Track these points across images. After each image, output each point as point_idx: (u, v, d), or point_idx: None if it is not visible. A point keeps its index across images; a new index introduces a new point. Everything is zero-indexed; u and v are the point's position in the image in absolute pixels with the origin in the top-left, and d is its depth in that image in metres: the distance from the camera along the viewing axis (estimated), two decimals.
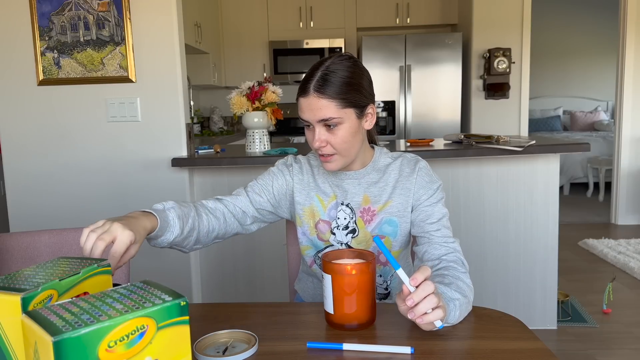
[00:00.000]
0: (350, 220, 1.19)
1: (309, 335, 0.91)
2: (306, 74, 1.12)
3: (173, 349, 0.61)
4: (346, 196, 1.20)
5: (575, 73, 7.55)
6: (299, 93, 1.11)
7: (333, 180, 1.22)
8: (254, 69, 4.77)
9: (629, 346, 2.33)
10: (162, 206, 1.05)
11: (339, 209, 1.20)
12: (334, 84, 1.07)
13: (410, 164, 1.21)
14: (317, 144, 1.10)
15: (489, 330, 0.92)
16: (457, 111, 4.33)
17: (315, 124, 1.09)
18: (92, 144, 2.29)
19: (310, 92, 1.08)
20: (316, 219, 1.21)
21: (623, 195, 4.49)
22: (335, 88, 1.07)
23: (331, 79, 1.08)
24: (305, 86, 1.09)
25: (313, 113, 1.08)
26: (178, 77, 2.25)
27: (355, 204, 1.19)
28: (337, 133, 1.10)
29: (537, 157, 2.36)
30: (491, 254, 2.42)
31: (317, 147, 1.10)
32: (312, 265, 1.26)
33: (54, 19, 2.21)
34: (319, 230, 1.21)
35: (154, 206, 1.05)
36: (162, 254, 2.33)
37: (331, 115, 1.08)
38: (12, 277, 0.72)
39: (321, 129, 1.10)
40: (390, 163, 1.22)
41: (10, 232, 1.35)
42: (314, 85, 1.08)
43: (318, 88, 1.07)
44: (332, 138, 1.10)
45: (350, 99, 1.09)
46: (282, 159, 1.29)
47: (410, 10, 4.70)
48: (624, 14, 4.32)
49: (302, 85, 1.11)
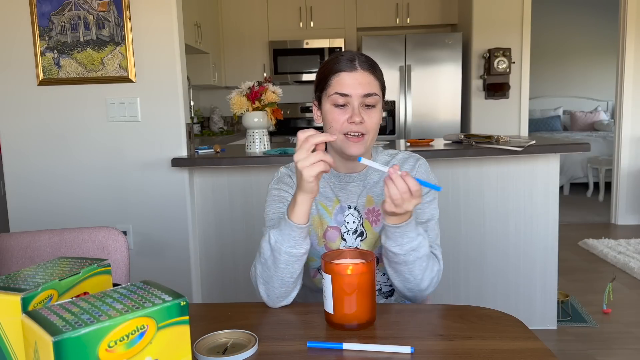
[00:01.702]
0: (358, 224, 1.18)
1: (309, 335, 0.91)
2: (334, 56, 1.14)
3: (173, 349, 0.61)
4: (351, 199, 1.19)
5: (575, 73, 7.55)
6: (339, 69, 1.11)
7: (336, 184, 1.20)
8: (254, 69, 4.77)
9: (629, 346, 2.33)
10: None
11: (346, 213, 1.19)
12: (377, 68, 1.15)
13: (410, 160, 1.22)
14: (357, 119, 1.09)
15: (489, 330, 0.92)
16: (457, 111, 4.33)
17: (357, 99, 1.10)
18: (92, 144, 2.29)
19: (357, 68, 1.10)
20: (324, 226, 1.19)
21: (623, 195, 4.49)
22: (378, 69, 1.14)
23: (374, 63, 1.14)
24: (351, 64, 1.11)
25: (362, 87, 1.10)
26: (178, 77, 2.25)
27: (360, 205, 1.19)
28: (372, 114, 1.12)
29: (537, 157, 2.36)
30: (491, 254, 2.42)
31: (357, 122, 1.09)
32: (316, 276, 1.24)
33: (54, 19, 2.21)
34: (328, 239, 1.19)
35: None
36: (162, 254, 2.33)
37: (376, 91, 1.12)
38: (12, 277, 0.72)
39: (360, 107, 1.11)
40: (388, 160, 1.23)
41: (10, 232, 1.35)
42: (361, 63, 1.11)
43: (367, 67, 1.11)
44: (368, 118, 1.11)
45: (382, 81, 1.16)
46: (276, 175, 1.25)
47: (410, 10, 4.70)
48: (624, 14, 4.32)
49: (344, 63, 1.11)
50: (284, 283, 1.04)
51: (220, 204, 2.37)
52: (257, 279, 1.07)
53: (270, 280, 1.04)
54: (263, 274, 1.05)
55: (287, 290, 1.05)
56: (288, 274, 1.03)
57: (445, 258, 2.40)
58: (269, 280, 1.04)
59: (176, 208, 2.30)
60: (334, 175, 1.20)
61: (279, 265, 1.02)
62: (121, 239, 1.32)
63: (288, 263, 1.02)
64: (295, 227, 1.00)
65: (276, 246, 1.02)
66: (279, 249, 1.02)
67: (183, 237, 2.32)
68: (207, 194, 2.37)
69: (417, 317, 1.00)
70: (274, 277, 1.03)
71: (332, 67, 1.12)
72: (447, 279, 2.43)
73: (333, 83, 1.11)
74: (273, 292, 1.04)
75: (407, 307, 1.08)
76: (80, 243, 1.32)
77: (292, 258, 1.02)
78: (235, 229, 2.38)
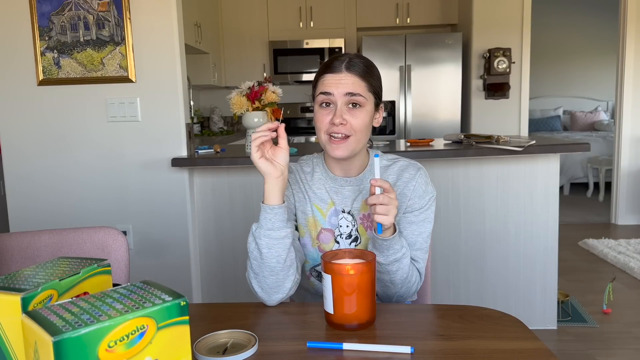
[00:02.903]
0: (352, 228, 1.19)
1: (309, 335, 0.91)
2: (329, 59, 1.16)
3: (173, 349, 0.61)
4: (346, 203, 1.19)
5: (575, 73, 7.55)
6: (324, 71, 1.14)
7: (331, 187, 1.20)
8: (254, 69, 4.77)
9: (629, 346, 2.33)
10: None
11: (340, 217, 1.19)
12: (363, 66, 1.13)
13: (410, 169, 1.20)
14: (337, 120, 1.10)
15: (489, 330, 0.92)
16: (457, 111, 4.33)
17: (339, 99, 1.11)
18: (92, 144, 2.29)
19: (341, 69, 1.11)
20: (318, 228, 1.20)
21: (623, 195, 4.49)
22: (365, 70, 1.13)
23: (361, 63, 1.13)
24: (335, 64, 1.12)
25: (344, 86, 1.10)
26: (178, 77, 2.25)
27: (355, 210, 1.19)
28: (357, 115, 1.12)
29: (537, 157, 2.36)
30: (491, 254, 2.42)
31: (337, 122, 1.10)
32: (310, 277, 1.24)
33: (54, 19, 2.21)
34: (321, 241, 1.20)
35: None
36: (162, 253, 2.33)
37: (360, 92, 1.11)
38: (12, 277, 0.72)
39: (344, 107, 1.11)
40: (387, 166, 1.21)
41: (10, 232, 1.35)
42: (346, 64, 1.12)
43: (350, 67, 1.12)
44: (352, 119, 1.11)
45: (374, 85, 1.14)
46: None
47: (410, 10, 4.70)
48: (624, 14, 4.32)
49: (329, 64, 1.13)
50: (272, 270, 1.05)
51: (220, 204, 2.37)
52: (250, 274, 1.09)
53: (259, 270, 1.06)
54: (253, 267, 1.08)
55: (278, 280, 1.06)
56: (273, 259, 1.05)
57: (445, 258, 2.42)
58: (258, 272, 1.06)
59: (176, 208, 2.30)
60: (329, 177, 1.20)
61: (262, 251, 1.05)
62: (121, 239, 1.32)
63: (270, 247, 1.05)
64: (269, 209, 1.04)
65: (257, 232, 1.06)
66: (259, 234, 1.05)
67: (183, 237, 2.32)
68: (207, 194, 2.37)
69: (417, 317, 1.00)
70: (262, 265, 1.06)
71: (322, 69, 1.15)
72: (447, 279, 2.43)
73: (319, 84, 1.14)
74: (265, 282, 1.06)
75: (407, 307, 1.08)
76: (80, 243, 1.32)
77: (272, 240, 1.05)
78: (235, 229, 2.38)
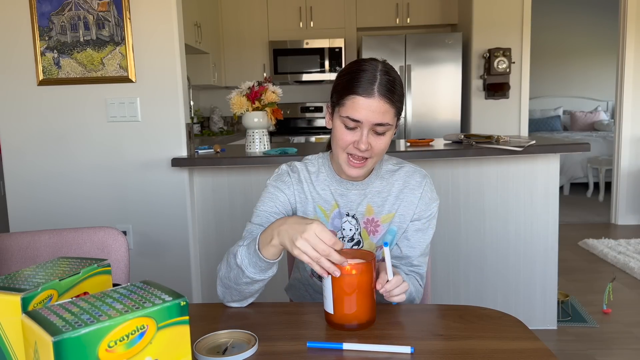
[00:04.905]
0: (355, 232, 1.18)
1: (309, 335, 0.91)
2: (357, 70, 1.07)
3: (173, 349, 0.61)
4: (350, 206, 1.18)
5: (575, 73, 7.55)
6: (354, 89, 1.05)
7: (337, 189, 1.19)
8: (254, 69, 4.77)
9: (629, 346, 2.33)
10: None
11: (344, 220, 1.18)
12: (397, 91, 1.07)
13: (416, 176, 1.19)
14: (363, 146, 1.06)
15: (489, 330, 0.92)
16: (457, 111, 4.33)
17: (367, 126, 1.06)
18: (92, 144, 2.29)
19: (375, 94, 1.04)
20: None
21: (623, 195, 4.49)
22: (399, 96, 1.07)
23: (395, 86, 1.06)
24: (369, 87, 1.04)
25: (374, 115, 1.05)
26: (178, 77, 2.25)
27: (359, 214, 1.18)
28: (382, 139, 1.08)
29: (537, 157, 2.36)
30: (491, 254, 2.42)
31: (363, 149, 1.07)
32: (312, 276, 1.25)
33: (54, 19, 2.21)
34: None
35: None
36: (162, 253, 2.33)
37: (389, 121, 1.07)
38: (12, 277, 0.72)
39: (370, 132, 1.07)
40: (393, 171, 1.21)
41: (10, 232, 1.35)
42: (380, 88, 1.04)
43: (385, 93, 1.05)
44: (376, 143, 1.08)
45: (400, 107, 1.09)
46: (277, 171, 1.23)
47: (410, 10, 4.70)
48: (624, 14, 4.32)
49: (359, 81, 1.05)
50: (242, 295, 1.04)
51: (220, 204, 2.37)
52: (219, 278, 1.06)
53: (229, 288, 1.04)
54: (224, 279, 1.04)
55: (244, 300, 1.06)
56: (247, 291, 1.03)
57: (445, 258, 2.42)
58: (227, 287, 1.04)
59: (176, 208, 2.30)
60: (335, 180, 1.19)
61: (239, 282, 1.01)
62: (121, 239, 1.31)
63: (249, 284, 1.01)
64: (264, 260, 0.97)
65: (242, 266, 1.00)
66: (243, 271, 1.00)
67: (183, 237, 2.32)
68: (207, 194, 2.37)
69: (417, 317, 1.00)
70: (233, 288, 1.03)
71: (351, 86, 1.06)
72: (447, 279, 2.43)
73: (347, 104, 1.06)
74: (230, 297, 1.05)
75: (407, 307, 1.08)
76: (80, 243, 1.32)
77: (255, 282, 1.01)
78: (235, 229, 2.37)
